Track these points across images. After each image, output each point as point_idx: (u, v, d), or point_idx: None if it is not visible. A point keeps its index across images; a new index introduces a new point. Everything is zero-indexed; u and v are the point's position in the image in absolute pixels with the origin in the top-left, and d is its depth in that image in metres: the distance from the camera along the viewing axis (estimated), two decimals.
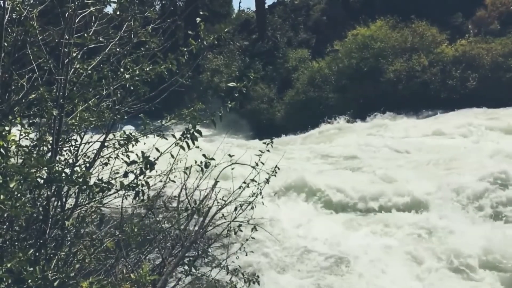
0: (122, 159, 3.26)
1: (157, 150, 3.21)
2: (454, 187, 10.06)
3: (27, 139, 3.01)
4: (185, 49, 3.33)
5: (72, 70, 3.01)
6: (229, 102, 3.43)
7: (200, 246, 4.20)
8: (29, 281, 2.29)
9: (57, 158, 3.04)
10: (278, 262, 7.46)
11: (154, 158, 2.99)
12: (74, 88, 3.05)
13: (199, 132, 3.08)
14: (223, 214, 4.33)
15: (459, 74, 21.44)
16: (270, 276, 6.51)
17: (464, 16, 24.96)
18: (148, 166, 2.82)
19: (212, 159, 3.45)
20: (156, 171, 3.24)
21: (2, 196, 2.20)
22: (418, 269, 7.26)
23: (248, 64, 27.88)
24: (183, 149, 3.12)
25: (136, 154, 2.93)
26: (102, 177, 2.90)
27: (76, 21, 3.01)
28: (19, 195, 2.29)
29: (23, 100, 3.08)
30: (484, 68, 21.04)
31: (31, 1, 3.26)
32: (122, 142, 3.26)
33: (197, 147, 3.15)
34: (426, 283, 6.87)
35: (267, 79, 26.08)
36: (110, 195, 3.07)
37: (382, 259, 7.47)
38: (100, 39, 3.27)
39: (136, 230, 3.50)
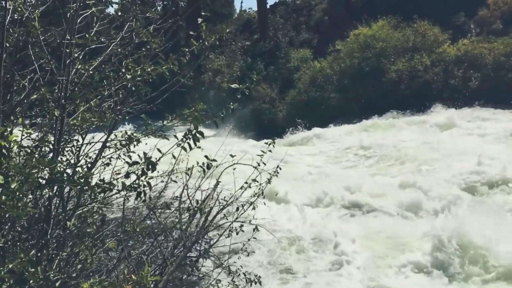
0: (124, 159, 3.26)
1: (159, 151, 3.21)
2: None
3: (29, 139, 3.01)
4: (187, 49, 3.32)
5: (74, 70, 3.01)
6: (231, 103, 3.42)
7: (201, 246, 4.20)
8: (31, 281, 2.29)
9: (59, 159, 3.04)
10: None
11: (156, 158, 2.99)
12: (76, 89, 3.05)
13: (201, 133, 3.08)
14: (224, 215, 4.32)
15: (461, 74, 21.41)
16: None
17: (466, 15, 24.91)
18: (150, 166, 2.82)
19: (214, 160, 3.44)
20: (158, 172, 3.23)
21: (3, 197, 2.20)
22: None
23: (250, 64, 27.86)
24: (185, 150, 3.12)
25: (138, 155, 2.93)
26: (103, 178, 2.90)
27: (78, 21, 3.01)
28: (20, 195, 2.29)
29: (25, 101, 3.08)
30: (486, 68, 21.00)
31: (33, 2, 3.25)
32: (123, 142, 3.26)
33: (199, 147, 3.14)
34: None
35: (269, 79, 26.05)
36: (112, 195, 3.07)
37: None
38: (102, 39, 3.27)
39: (138, 230, 3.50)
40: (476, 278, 7.17)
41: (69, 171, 2.81)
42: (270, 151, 4.33)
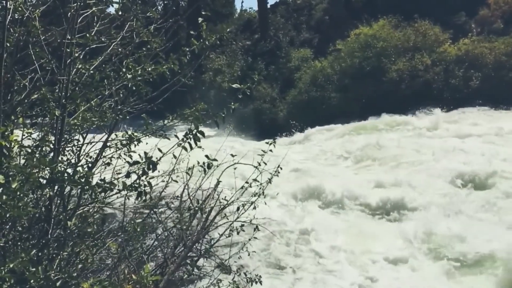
0: (125, 159, 3.26)
1: (160, 150, 3.21)
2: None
3: (29, 139, 3.01)
4: (187, 49, 3.32)
5: (74, 70, 3.01)
6: (232, 103, 3.42)
7: (202, 246, 4.20)
8: (32, 281, 2.29)
9: (60, 158, 3.04)
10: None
11: (157, 158, 2.99)
12: (76, 88, 3.05)
13: (202, 133, 3.07)
14: (225, 214, 4.32)
15: (462, 74, 21.38)
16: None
17: (467, 15, 24.88)
18: (151, 166, 2.82)
19: (215, 159, 3.44)
20: (159, 171, 3.24)
21: (4, 196, 2.20)
22: None
23: (251, 64, 27.86)
24: (186, 150, 3.11)
25: (139, 155, 2.93)
26: (104, 177, 2.90)
27: (78, 21, 3.01)
28: (21, 195, 2.29)
29: (26, 101, 3.08)
30: (487, 67, 20.97)
31: (33, 2, 3.25)
32: (124, 142, 3.26)
33: (200, 147, 3.14)
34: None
35: (269, 78, 26.03)
36: (112, 195, 3.07)
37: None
38: (102, 39, 3.26)
39: (138, 230, 3.50)
40: (444, 269, 7.71)
41: (69, 170, 2.81)
42: (271, 150, 4.34)
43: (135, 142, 3.23)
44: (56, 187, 2.72)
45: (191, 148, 3.10)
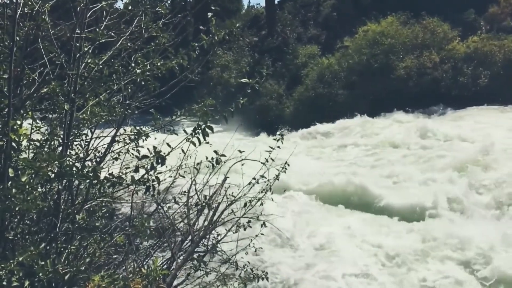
0: (133, 154, 3.26)
1: (168, 145, 3.21)
2: None
3: (38, 133, 3.02)
4: (197, 44, 3.31)
5: (83, 64, 3.01)
6: (241, 98, 3.41)
7: (209, 241, 4.20)
8: (40, 274, 2.30)
9: (68, 153, 3.05)
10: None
11: (164, 153, 2.98)
12: (85, 83, 3.06)
13: (211, 128, 3.07)
14: (232, 210, 4.32)
15: (471, 71, 21.21)
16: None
17: (476, 12, 24.66)
18: (160, 160, 2.82)
19: (223, 155, 3.44)
20: (166, 166, 3.24)
21: (13, 190, 2.21)
22: None
23: (258, 60, 27.81)
24: (194, 144, 3.11)
25: (148, 149, 2.93)
26: (112, 172, 2.91)
27: (88, 16, 3.01)
28: (30, 189, 2.30)
29: (35, 95, 3.09)
30: (496, 65, 20.79)
31: None
32: (132, 137, 3.26)
33: (207, 142, 3.14)
34: None
35: (276, 75, 25.98)
36: (120, 189, 3.08)
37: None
38: (111, 34, 3.27)
39: (146, 224, 3.50)
40: None
41: (78, 165, 2.82)
42: (278, 147, 4.32)
43: (143, 137, 3.23)
44: (64, 181, 2.73)
45: (200, 143, 3.10)
